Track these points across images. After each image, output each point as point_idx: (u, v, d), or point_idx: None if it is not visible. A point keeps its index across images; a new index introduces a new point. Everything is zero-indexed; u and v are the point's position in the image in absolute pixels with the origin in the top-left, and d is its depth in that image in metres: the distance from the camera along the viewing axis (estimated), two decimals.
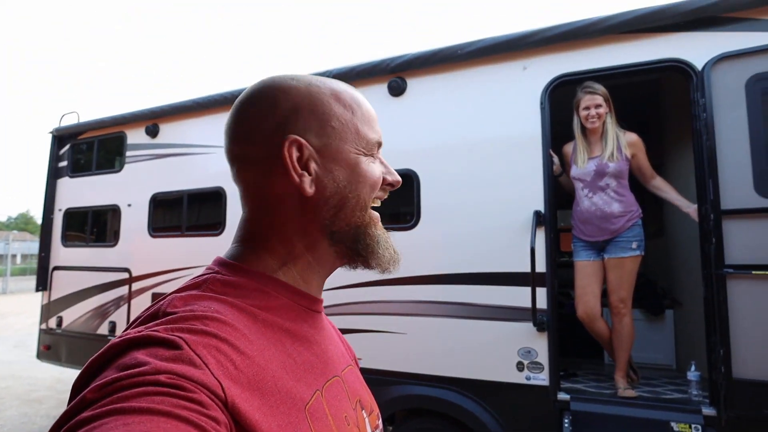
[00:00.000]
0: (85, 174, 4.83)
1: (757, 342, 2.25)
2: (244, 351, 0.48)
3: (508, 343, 2.72)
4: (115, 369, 0.42)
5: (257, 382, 0.47)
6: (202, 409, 0.40)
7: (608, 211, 2.86)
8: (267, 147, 0.59)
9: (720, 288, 2.33)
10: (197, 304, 0.51)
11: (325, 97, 0.61)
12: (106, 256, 4.51)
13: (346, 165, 0.61)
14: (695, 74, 2.47)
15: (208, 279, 0.56)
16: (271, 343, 0.53)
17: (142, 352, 0.43)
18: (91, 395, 0.39)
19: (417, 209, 3.06)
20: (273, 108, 0.59)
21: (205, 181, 3.94)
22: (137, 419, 0.36)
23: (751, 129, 2.33)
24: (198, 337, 0.45)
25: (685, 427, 2.39)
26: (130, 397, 0.38)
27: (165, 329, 0.46)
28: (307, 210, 0.60)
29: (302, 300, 0.61)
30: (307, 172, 0.59)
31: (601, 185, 2.89)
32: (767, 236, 2.28)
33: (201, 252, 3.87)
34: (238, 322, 0.51)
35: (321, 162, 0.60)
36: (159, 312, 0.50)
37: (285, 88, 0.60)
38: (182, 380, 0.40)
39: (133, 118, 4.46)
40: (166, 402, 0.38)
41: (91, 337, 4.40)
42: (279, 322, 0.56)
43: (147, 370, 0.40)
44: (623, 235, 2.84)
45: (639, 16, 2.58)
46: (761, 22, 2.38)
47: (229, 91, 3.86)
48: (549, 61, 2.81)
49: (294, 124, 0.59)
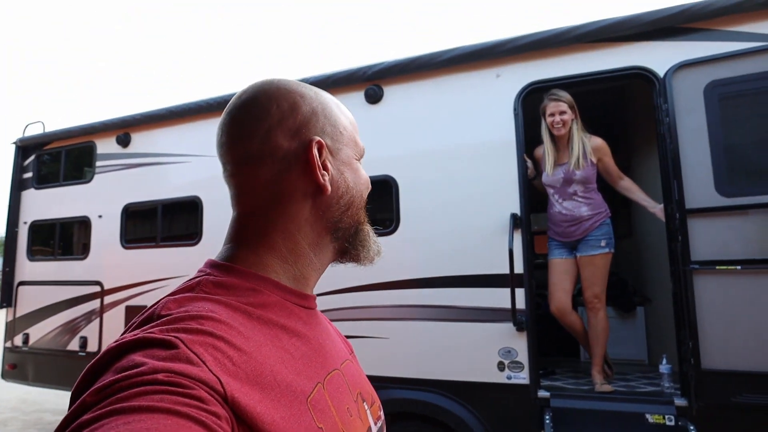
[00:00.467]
0: (51, 185, 4.68)
1: (723, 333, 2.37)
2: (240, 347, 0.48)
3: (489, 343, 2.78)
4: (113, 372, 0.42)
5: (256, 377, 0.47)
6: (202, 404, 0.40)
7: (577, 214, 3.01)
8: (288, 146, 0.61)
9: (687, 284, 2.44)
10: (191, 305, 0.51)
11: (333, 105, 0.66)
12: (75, 269, 4.37)
13: (351, 168, 0.67)
14: (658, 81, 2.60)
15: (201, 281, 0.57)
16: (268, 339, 0.53)
17: (138, 354, 0.43)
18: (91, 398, 0.40)
19: (396, 214, 3.10)
20: (293, 110, 0.62)
21: (181, 191, 3.88)
22: (138, 417, 0.37)
23: (710, 132, 2.47)
24: (194, 336, 0.46)
25: (659, 418, 2.49)
26: (130, 397, 0.38)
27: (160, 330, 0.46)
28: (319, 206, 0.63)
29: (295, 298, 0.62)
30: (326, 171, 0.62)
31: (570, 192, 3.03)
32: (728, 233, 2.41)
33: (177, 263, 3.80)
34: (233, 320, 0.51)
35: (334, 163, 0.64)
36: (153, 315, 0.50)
37: (301, 93, 0.63)
38: (180, 378, 0.41)
39: (102, 128, 4.36)
40: (166, 399, 0.38)
41: (61, 353, 4.24)
42: (274, 318, 0.56)
43: (145, 371, 0.40)
44: (592, 234, 2.97)
45: (605, 26, 2.70)
46: (717, 32, 2.53)
47: (204, 100, 3.82)
48: (521, 69, 2.90)
49: (314, 126, 0.62)
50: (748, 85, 2.41)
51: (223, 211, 3.80)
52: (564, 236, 3.07)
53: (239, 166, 0.62)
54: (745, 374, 2.29)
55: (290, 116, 0.61)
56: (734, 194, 2.39)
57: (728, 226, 2.41)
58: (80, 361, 4.11)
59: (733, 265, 2.35)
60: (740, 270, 2.34)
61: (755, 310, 2.31)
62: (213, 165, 3.75)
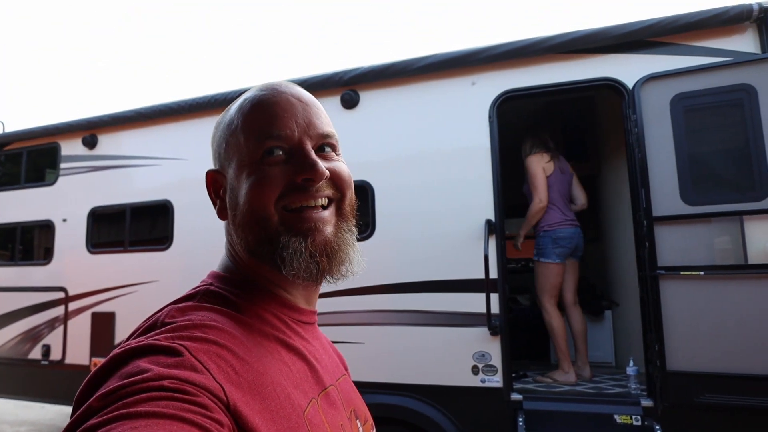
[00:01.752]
0: (11, 188, 4.48)
1: (687, 336, 2.46)
2: (243, 357, 0.49)
3: (463, 347, 2.81)
4: (118, 378, 0.42)
5: (257, 387, 0.48)
6: (206, 411, 0.40)
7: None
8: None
9: (654, 288, 2.53)
10: (195, 313, 0.52)
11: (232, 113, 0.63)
12: (37, 275, 4.19)
13: (238, 182, 0.59)
14: (627, 92, 2.69)
15: (202, 291, 0.58)
16: (268, 351, 0.54)
17: (144, 361, 0.43)
18: (97, 404, 0.40)
19: (372, 220, 3.10)
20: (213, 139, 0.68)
21: (151, 194, 3.78)
22: (144, 423, 0.37)
23: (675, 143, 2.56)
24: (198, 344, 0.46)
25: (627, 419, 2.57)
26: (136, 403, 0.38)
27: (165, 338, 0.46)
28: (230, 233, 0.64)
29: (291, 312, 0.62)
30: (220, 198, 0.64)
31: None
32: (692, 240, 2.51)
33: (147, 267, 3.70)
34: (236, 331, 0.52)
35: (228, 188, 0.62)
36: (157, 323, 0.51)
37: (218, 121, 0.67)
38: (185, 384, 0.41)
39: (67, 129, 4.20)
40: (171, 406, 0.39)
41: (22, 362, 4.07)
42: (273, 333, 0.57)
43: (150, 377, 0.41)
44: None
45: (577, 37, 2.78)
46: (683, 47, 2.64)
47: (175, 102, 3.74)
48: (496, 78, 2.95)
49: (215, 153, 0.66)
50: (711, 98, 2.52)
51: (195, 215, 3.75)
52: None
53: None
54: (708, 375, 2.39)
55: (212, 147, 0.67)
56: (698, 203, 2.49)
57: (692, 233, 2.51)
58: (42, 369, 3.95)
59: (697, 271, 2.45)
60: (703, 275, 2.43)
61: (717, 314, 2.41)
62: (184, 168, 3.67)
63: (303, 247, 0.56)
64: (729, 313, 2.39)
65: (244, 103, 0.61)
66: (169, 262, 3.63)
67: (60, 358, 3.89)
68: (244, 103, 0.61)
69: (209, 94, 3.63)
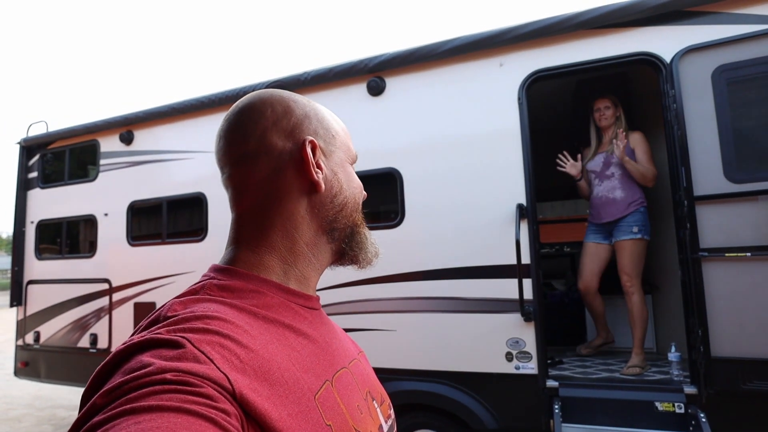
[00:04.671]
0: (57, 184, 4.70)
1: (732, 321, 2.36)
2: (247, 345, 0.49)
3: (497, 334, 2.78)
4: (121, 373, 0.42)
5: (264, 374, 0.48)
6: (211, 402, 0.40)
7: (611, 197, 3.15)
8: (283, 145, 0.63)
9: (696, 271, 2.43)
10: (197, 306, 0.52)
11: (325, 112, 0.70)
12: (83, 267, 4.40)
13: (344, 171, 0.68)
14: (664, 67, 2.56)
15: (205, 284, 0.57)
16: (274, 338, 0.54)
17: (146, 355, 0.43)
18: (101, 400, 0.40)
19: (401, 207, 3.09)
20: (287, 113, 0.64)
21: (185, 187, 3.88)
22: (148, 417, 0.37)
23: (718, 118, 2.43)
24: (201, 335, 0.46)
25: (669, 406, 2.49)
26: (139, 398, 0.39)
27: (167, 331, 0.47)
28: (314, 205, 0.64)
29: (298, 299, 0.62)
30: (319, 170, 0.64)
31: (607, 174, 3.19)
32: (737, 220, 2.38)
33: (184, 259, 3.82)
34: (239, 320, 0.52)
35: (327, 164, 0.66)
36: (160, 317, 0.51)
37: (294, 99, 0.67)
38: (188, 376, 0.41)
39: (105, 126, 4.36)
40: (175, 398, 0.39)
41: (72, 350, 4.29)
42: (279, 318, 0.57)
43: (152, 371, 0.41)
44: (625, 220, 3.10)
45: (609, 11, 2.65)
46: (723, 15, 2.48)
47: (206, 96, 3.81)
48: (524, 58, 2.87)
49: (308, 128, 0.65)
50: (756, 68, 2.37)
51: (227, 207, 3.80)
52: (598, 218, 3.23)
53: (236, 166, 0.64)
54: (755, 361, 2.28)
55: (284, 118, 0.64)
56: (743, 180, 2.37)
57: (737, 212, 2.38)
58: (91, 357, 4.15)
59: (743, 252, 2.33)
60: (750, 257, 2.32)
61: (765, 297, 2.29)
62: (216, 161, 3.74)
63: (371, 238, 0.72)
64: None
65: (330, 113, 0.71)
66: (204, 253, 3.73)
67: (106, 346, 4.08)
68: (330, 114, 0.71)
69: (237, 87, 3.69)
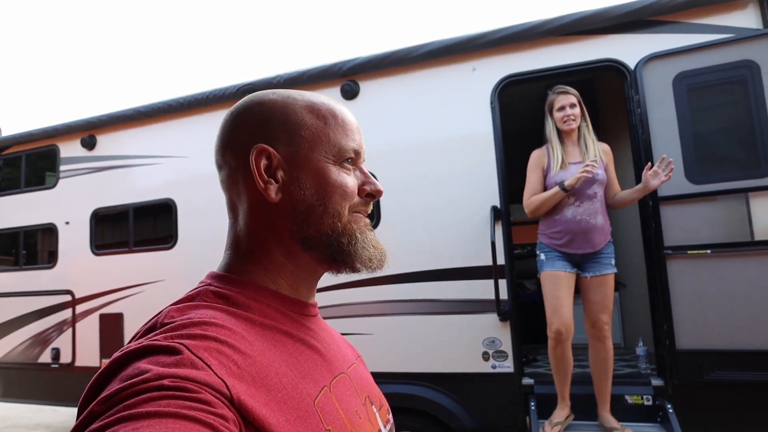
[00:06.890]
0: (12, 192, 4.47)
1: (695, 314, 2.48)
2: (245, 351, 0.49)
3: (473, 334, 2.82)
4: (118, 380, 0.42)
5: (261, 379, 0.48)
6: (209, 407, 0.40)
7: (593, 222, 2.56)
8: (241, 156, 0.61)
9: (661, 268, 2.54)
10: (194, 312, 0.52)
11: (298, 107, 0.63)
12: (42, 279, 4.20)
13: (314, 173, 0.62)
14: (629, 73, 2.68)
15: (201, 291, 0.57)
16: (272, 344, 0.54)
17: (143, 362, 0.43)
18: (98, 408, 0.40)
19: (377, 210, 3.10)
20: (248, 119, 0.63)
21: (153, 193, 3.77)
22: (146, 423, 0.37)
23: (679, 122, 2.56)
24: (198, 342, 0.46)
25: (638, 399, 2.59)
26: (137, 404, 0.38)
27: (164, 338, 0.46)
28: (275, 217, 0.61)
29: (294, 307, 0.62)
30: (273, 179, 0.61)
31: (589, 194, 2.56)
32: (698, 219, 2.51)
33: (152, 267, 3.70)
34: (236, 326, 0.51)
35: (288, 170, 0.61)
36: (157, 324, 0.50)
37: (261, 101, 0.64)
38: (186, 382, 0.41)
39: (66, 130, 4.18)
40: (172, 404, 0.39)
41: (32, 366, 4.08)
42: (276, 325, 0.57)
43: (150, 377, 0.40)
44: (603, 252, 2.60)
45: (577, 19, 2.76)
46: (684, 25, 2.62)
47: (174, 99, 3.72)
48: (497, 63, 2.94)
49: (265, 134, 0.61)
50: (714, 76, 2.50)
51: (199, 213, 3.74)
52: (570, 246, 2.59)
53: (219, 172, 0.65)
54: (718, 352, 2.40)
55: (243, 126, 0.63)
56: (703, 181, 2.50)
57: (698, 211, 2.51)
58: (53, 373, 3.97)
59: (704, 249, 2.46)
60: (710, 254, 2.44)
61: (725, 291, 2.42)
62: (186, 166, 3.65)
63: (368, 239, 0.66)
64: (737, 290, 2.40)
65: (324, 102, 0.65)
66: (174, 261, 3.63)
67: (70, 360, 3.91)
68: (325, 103, 0.65)
69: (207, 90, 3.61)
